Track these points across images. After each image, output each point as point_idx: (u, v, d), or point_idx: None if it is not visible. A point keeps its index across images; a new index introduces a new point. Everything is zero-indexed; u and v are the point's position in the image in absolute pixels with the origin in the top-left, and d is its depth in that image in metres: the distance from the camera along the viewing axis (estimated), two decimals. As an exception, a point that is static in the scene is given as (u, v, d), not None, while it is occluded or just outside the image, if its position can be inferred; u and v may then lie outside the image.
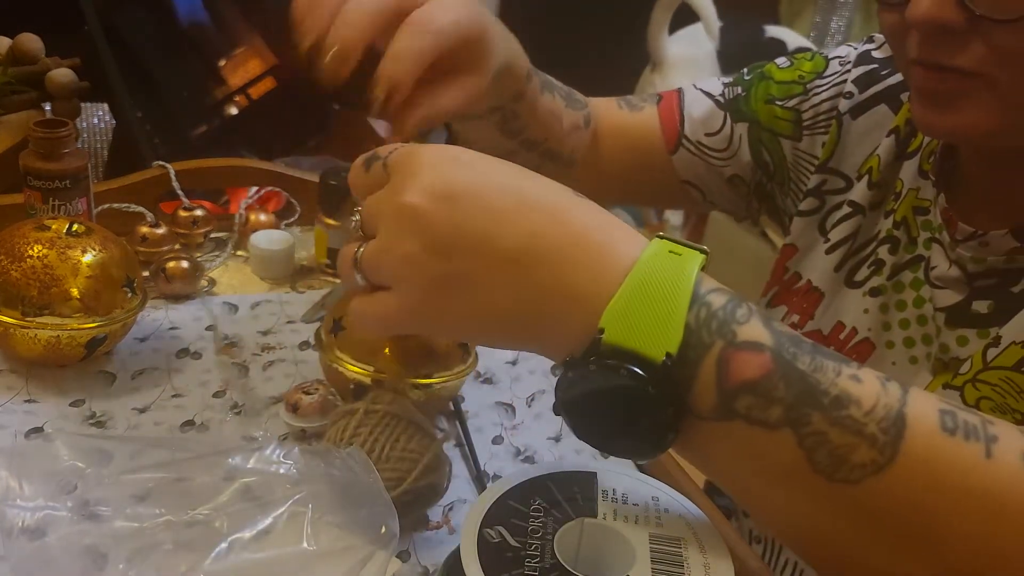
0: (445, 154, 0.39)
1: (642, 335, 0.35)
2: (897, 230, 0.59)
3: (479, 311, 0.38)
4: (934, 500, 0.34)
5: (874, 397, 0.35)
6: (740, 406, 0.35)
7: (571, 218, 0.37)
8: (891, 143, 0.61)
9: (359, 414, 0.53)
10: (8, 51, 0.89)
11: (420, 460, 0.52)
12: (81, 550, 0.44)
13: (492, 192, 0.37)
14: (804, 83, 0.66)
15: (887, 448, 0.34)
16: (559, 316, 0.37)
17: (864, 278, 0.60)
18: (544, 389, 0.71)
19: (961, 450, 0.34)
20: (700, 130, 0.68)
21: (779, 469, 0.36)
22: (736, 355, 0.35)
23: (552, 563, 0.40)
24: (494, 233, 0.37)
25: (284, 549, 0.46)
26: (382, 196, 0.39)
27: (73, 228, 0.64)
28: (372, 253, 0.39)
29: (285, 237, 0.83)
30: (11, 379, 0.64)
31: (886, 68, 0.63)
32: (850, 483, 0.34)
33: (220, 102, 1.44)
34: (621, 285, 0.36)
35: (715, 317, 0.36)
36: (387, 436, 0.52)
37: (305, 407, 0.60)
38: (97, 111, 1.06)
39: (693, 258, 0.37)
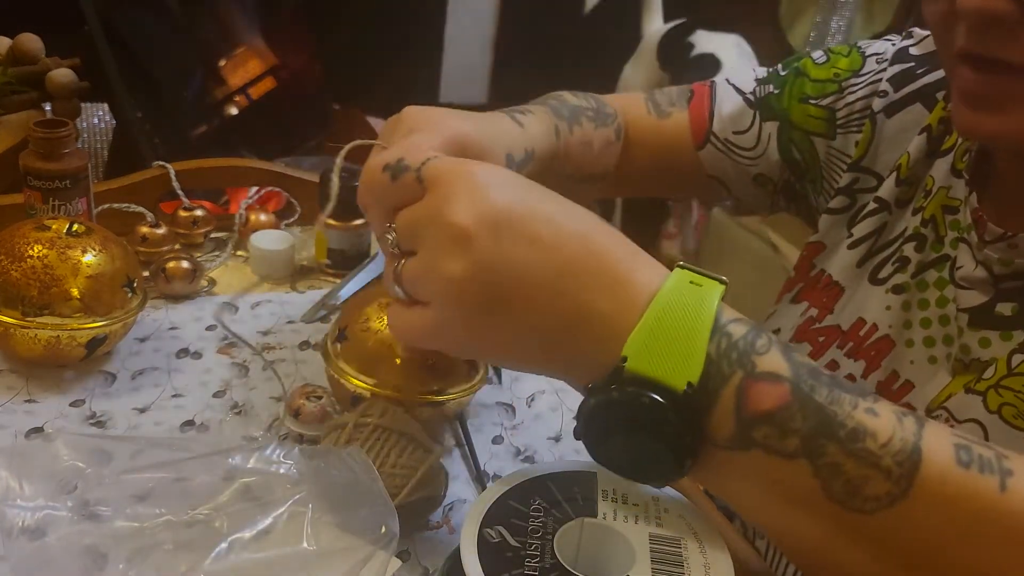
0: (493, 174, 0.39)
1: (664, 364, 0.36)
2: (925, 228, 0.58)
3: (513, 335, 0.39)
4: (948, 533, 0.35)
5: (890, 430, 0.35)
6: (758, 436, 0.36)
7: (601, 248, 0.38)
8: (922, 141, 0.60)
9: (348, 428, 0.52)
10: (8, 51, 0.89)
11: (412, 475, 0.51)
12: (81, 550, 0.44)
13: (533, 220, 0.38)
14: (839, 81, 0.65)
15: (902, 480, 0.35)
16: (586, 343, 0.38)
17: (888, 275, 0.60)
18: (544, 389, 0.71)
19: (976, 483, 0.35)
20: (729, 128, 0.68)
21: (795, 498, 0.36)
22: (755, 386, 0.36)
23: (552, 563, 0.40)
24: (535, 260, 0.37)
25: (284, 549, 0.46)
26: (424, 213, 0.39)
27: (73, 228, 0.64)
28: (413, 270, 0.40)
29: (285, 237, 0.83)
30: (11, 379, 0.64)
31: (922, 66, 0.62)
32: (865, 513, 0.35)
33: (220, 102, 1.44)
34: (643, 315, 0.37)
35: (735, 347, 0.36)
36: (377, 451, 0.51)
37: (306, 414, 0.60)
38: (97, 111, 1.06)
39: (713, 288, 0.38)
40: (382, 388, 0.57)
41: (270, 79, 1.50)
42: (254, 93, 1.47)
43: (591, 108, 0.66)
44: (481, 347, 0.40)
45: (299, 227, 0.90)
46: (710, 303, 0.37)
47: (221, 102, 1.43)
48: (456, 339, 0.40)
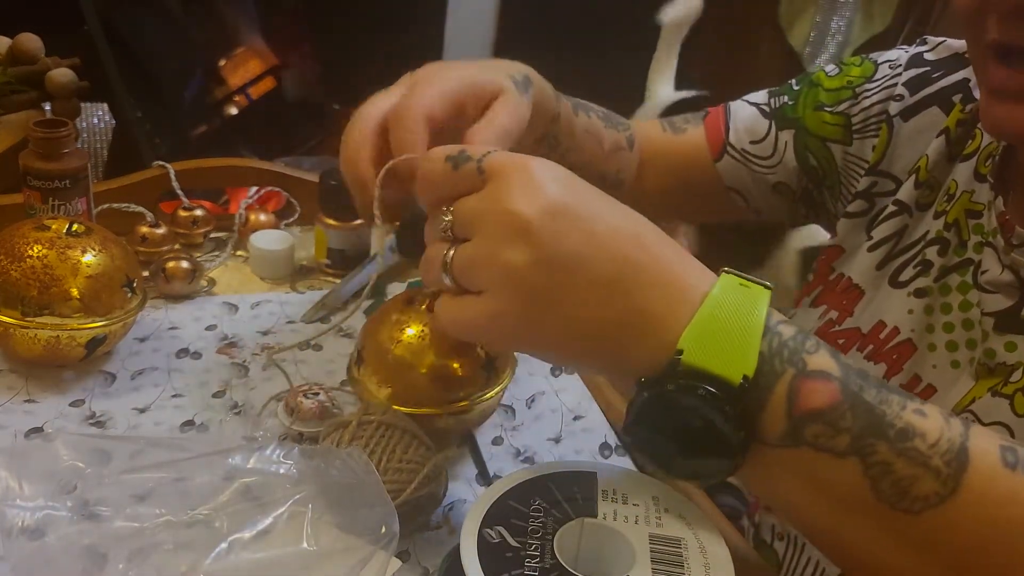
0: (550, 168, 0.40)
1: (720, 358, 0.36)
2: (948, 232, 0.58)
3: (566, 328, 0.39)
4: (994, 533, 0.35)
5: (938, 431, 0.36)
6: (808, 433, 0.36)
7: (652, 246, 0.39)
8: (941, 143, 0.60)
9: (352, 426, 0.52)
10: (8, 51, 0.89)
11: (419, 470, 0.51)
12: (81, 550, 0.44)
13: (591, 214, 0.39)
14: (853, 87, 0.66)
15: (950, 481, 0.35)
16: (638, 338, 0.38)
17: (909, 278, 0.60)
18: (544, 391, 0.71)
19: (1021, 484, 0.35)
20: (745, 138, 0.69)
21: (843, 497, 0.36)
22: (806, 383, 0.36)
23: (552, 563, 0.40)
24: (591, 255, 0.38)
25: (284, 549, 0.46)
26: (485, 201, 0.39)
27: (73, 228, 0.64)
28: (468, 257, 0.39)
29: (285, 237, 0.83)
30: (11, 379, 0.64)
31: (938, 70, 0.62)
32: (912, 514, 0.35)
33: (220, 102, 1.44)
34: (698, 311, 0.37)
35: (786, 346, 0.37)
36: (383, 447, 0.51)
37: (304, 411, 0.60)
38: (97, 111, 1.06)
39: (762, 291, 0.39)
40: (407, 405, 0.56)
41: (270, 79, 1.50)
42: (254, 93, 1.47)
43: (600, 110, 0.67)
44: (533, 339, 0.40)
45: (299, 227, 0.90)
46: (762, 304, 0.38)
47: (221, 102, 1.43)
48: (508, 330, 0.40)
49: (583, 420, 0.68)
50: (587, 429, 0.67)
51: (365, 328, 0.60)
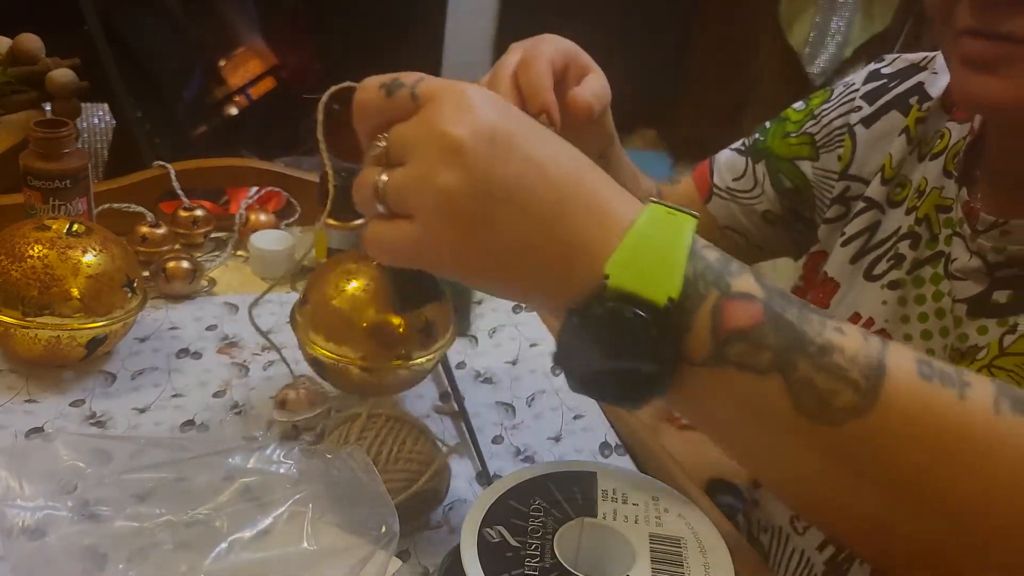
0: (485, 94, 0.40)
1: (645, 280, 0.37)
2: (919, 226, 0.60)
3: (497, 255, 0.39)
4: (912, 441, 0.36)
5: (857, 346, 0.37)
6: (732, 352, 0.37)
7: (585, 176, 0.40)
8: (902, 141, 0.63)
9: (361, 419, 0.53)
10: (8, 51, 0.89)
11: (429, 462, 0.52)
12: (81, 550, 0.44)
13: (526, 141, 0.39)
14: (813, 111, 0.70)
15: (868, 393, 0.36)
16: (568, 266, 0.38)
17: (883, 272, 0.62)
18: (544, 389, 0.71)
19: (936, 394, 0.36)
20: (727, 176, 0.74)
21: (767, 412, 0.37)
22: (730, 304, 0.37)
23: (552, 563, 0.40)
24: (527, 181, 0.38)
25: (284, 549, 0.46)
26: (418, 125, 0.39)
27: (73, 228, 0.64)
28: (401, 181, 0.39)
29: (285, 237, 0.83)
30: (11, 379, 0.64)
31: (894, 80, 0.66)
32: (834, 425, 0.36)
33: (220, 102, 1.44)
34: (624, 237, 0.38)
35: (711, 269, 0.38)
36: (393, 439, 0.52)
37: (292, 402, 0.60)
38: (97, 111, 1.06)
39: (689, 219, 0.39)
40: (344, 356, 0.59)
41: (270, 79, 1.49)
42: (254, 93, 1.47)
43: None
44: (462, 265, 0.40)
45: (299, 227, 0.90)
46: (687, 230, 0.39)
47: (221, 102, 1.43)
48: (440, 255, 0.39)
49: (583, 419, 0.68)
50: (587, 428, 0.67)
51: (315, 273, 0.63)
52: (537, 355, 0.75)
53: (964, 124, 0.60)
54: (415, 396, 0.69)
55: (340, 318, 0.59)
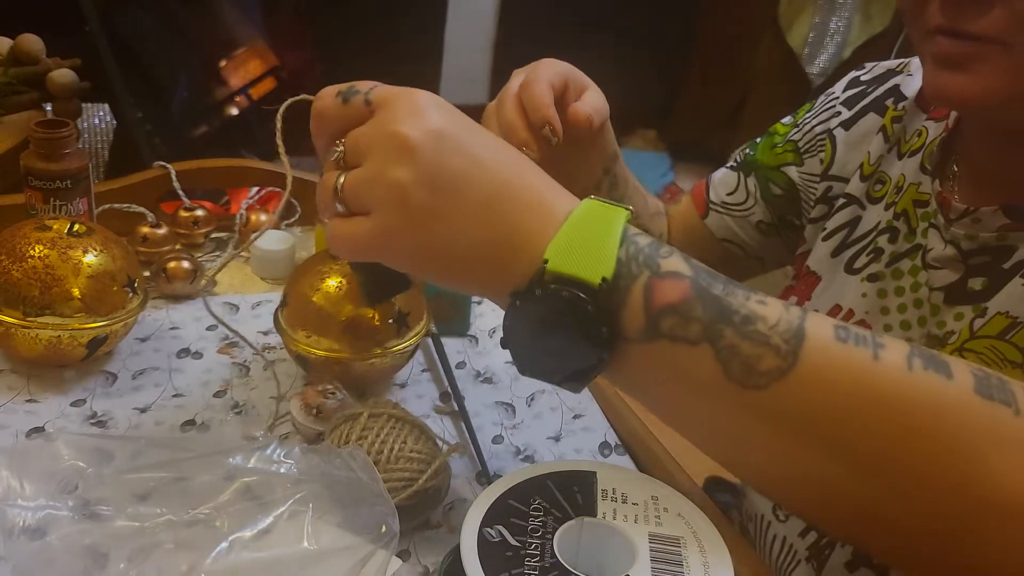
0: (430, 97, 0.43)
1: (580, 263, 0.40)
2: (897, 221, 0.63)
3: (446, 246, 0.41)
4: (833, 399, 0.39)
5: (777, 315, 0.40)
6: (664, 326, 0.40)
7: (527, 174, 0.43)
8: (880, 140, 0.67)
9: (363, 418, 0.53)
10: (9, 52, 0.89)
11: (430, 462, 0.52)
12: (82, 550, 0.44)
13: (472, 140, 0.42)
14: (797, 122, 0.74)
15: (789, 356, 0.39)
16: (512, 257, 0.41)
17: (863, 265, 0.64)
18: (544, 389, 0.71)
19: (853, 354, 0.39)
20: (721, 192, 0.78)
21: (700, 381, 0.40)
22: (660, 283, 0.40)
23: (552, 562, 0.40)
24: (474, 176, 0.41)
25: (285, 548, 0.46)
26: (372, 128, 0.42)
27: (74, 228, 0.64)
28: (357, 180, 0.42)
29: (286, 237, 0.83)
30: (12, 379, 0.64)
31: (872, 85, 0.70)
32: (760, 389, 0.39)
33: (221, 102, 1.44)
34: (562, 226, 0.41)
35: (642, 252, 0.41)
36: (395, 437, 0.52)
37: (328, 411, 0.60)
38: (98, 111, 1.06)
39: (621, 210, 0.42)
40: (326, 351, 0.63)
41: (271, 80, 1.50)
42: (254, 93, 1.47)
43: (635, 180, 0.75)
44: (416, 256, 0.42)
45: (299, 227, 0.90)
46: (620, 219, 0.42)
47: (222, 102, 1.43)
48: (393, 247, 0.42)
49: (583, 419, 0.68)
50: (587, 428, 0.67)
51: (292, 275, 0.67)
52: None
53: (940, 122, 0.63)
54: (415, 396, 0.69)
55: (319, 315, 0.63)
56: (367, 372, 0.65)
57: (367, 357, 0.63)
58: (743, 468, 0.44)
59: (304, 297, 0.63)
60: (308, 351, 0.63)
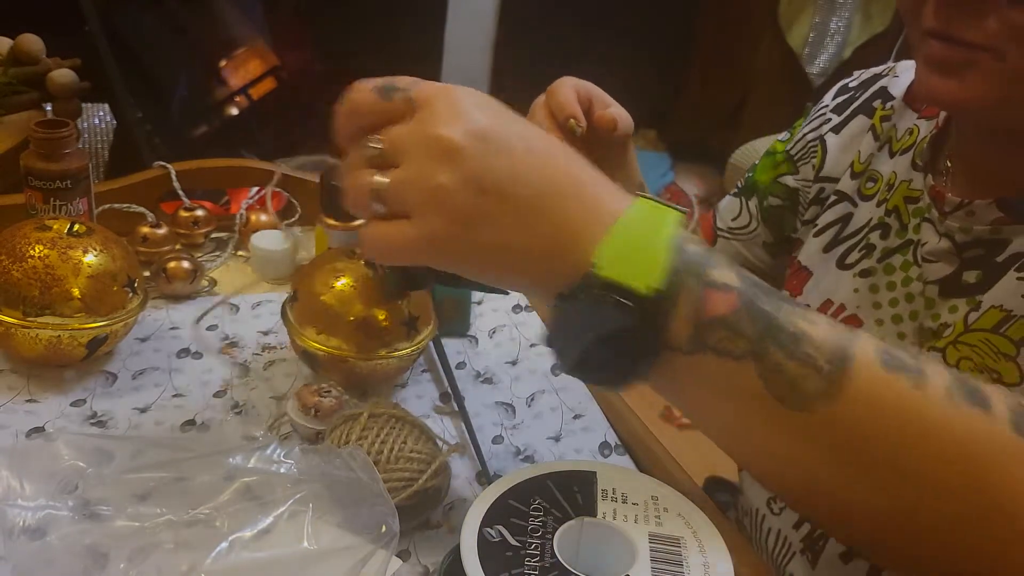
0: (476, 95, 0.42)
1: (631, 271, 0.39)
2: (888, 217, 0.64)
3: (492, 246, 0.40)
4: (875, 426, 0.39)
5: (824, 336, 0.39)
6: (711, 339, 0.39)
7: (574, 170, 0.42)
8: (870, 138, 0.68)
9: (363, 418, 0.53)
10: (9, 51, 0.89)
11: (430, 462, 0.52)
12: (82, 550, 0.45)
13: (517, 138, 0.41)
14: (793, 136, 0.75)
15: (834, 379, 0.39)
16: (559, 256, 0.40)
17: (854, 261, 0.65)
18: (544, 389, 0.71)
19: (898, 383, 0.39)
20: (727, 218, 0.79)
21: (741, 397, 0.40)
22: (710, 294, 0.39)
23: (552, 562, 0.40)
24: (520, 176, 0.40)
25: (285, 548, 0.46)
26: (414, 128, 0.41)
27: (74, 228, 0.64)
28: (399, 181, 0.41)
29: (286, 237, 0.83)
30: (12, 379, 0.64)
31: (859, 90, 0.71)
32: (803, 410, 0.39)
33: (221, 102, 1.44)
34: (612, 228, 0.40)
35: (693, 261, 0.40)
36: (395, 437, 0.52)
37: (326, 409, 0.60)
38: (98, 111, 1.06)
39: (674, 212, 0.42)
40: (334, 348, 0.63)
41: (270, 80, 1.50)
42: (254, 94, 1.47)
43: None
44: (460, 258, 0.42)
45: (299, 227, 0.90)
46: (672, 223, 0.41)
47: (222, 102, 1.44)
48: (441, 251, 0.41)
49: (583, 419, 0.68)
50: (587, 428, 0.67)
51: (303, 271, 0.67)
52: (537, 355, 0.75)
53: (931, 120, 0.63)
54: (415, 396, 0.69)
55: (329, 312, 0.63)
56: (373, 372, 0.65)
57: (375, 358, 0.63)
58: (773, 481, 0.44)
59: (315, 294, 0.63)
60: (317, 348, 0.63)
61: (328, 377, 0.64)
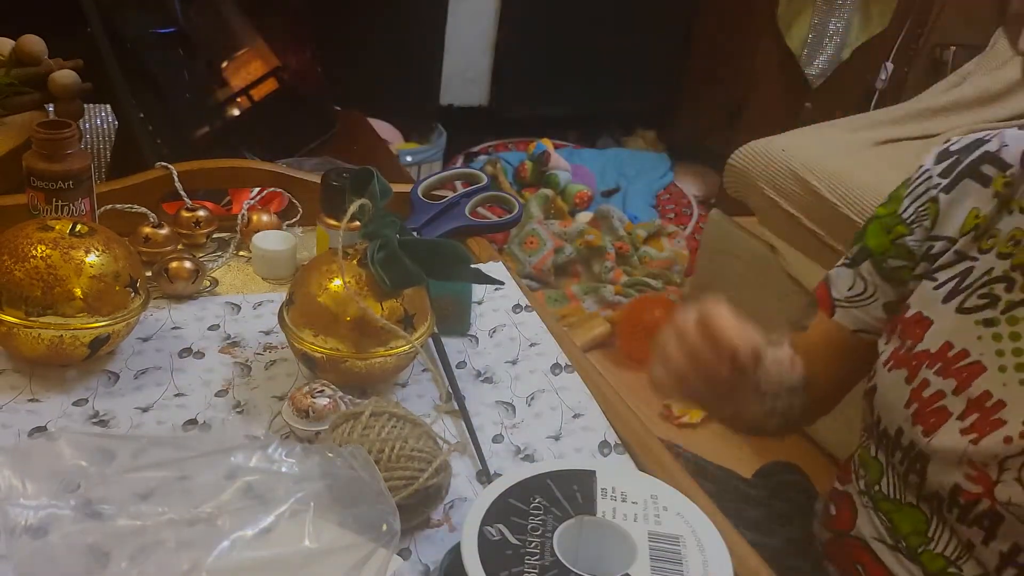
0: None
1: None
2: (1014, 272, 0.67)
3: None
4: None
5: None
6: None
7: None
8: (994, 204, 0.71)
9: (364, 417, 0.53)
10: (11, 53, 0.90)
11: (430, 461, 0.53)
12: (84, 549, 0.45)
13: None
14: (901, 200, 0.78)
15: None
16: None
17: (975, 306, 0.69)
18: (544, 388, 0.71)
19: None
20: (843, 289, 0.81)
21: None
22: None
23: (552, 561, 0.40)
24: None
25: (286, 547, 0.46)
26: None
27: (76, 228, 0.64)
28: None
29: (287, 237, 0.83)
30: (14, 378, 0.64)
31: (963, 154, 0.74)
32: None
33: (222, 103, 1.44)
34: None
35: None
36: (396, 436, 0.53)
37: (321, 411, 0.60)
38: (100, 112, 1.06)
39: None
40: (332, 349, 0.63)
41: (272, 80, 1.50)
42: (256, 94, 1.47)
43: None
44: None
45: (301, 227, 0.90)
46: None
47: (223, 103, 1.44)
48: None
49: (583, 418, 0.68)
50: (587, 427, 0.67)
51: (300, 273, 0.67)
52: (537, 355, 0.76)
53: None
54: (416, 396, 0.69)
55: (325, 314, 0.63)
56: (371, 371, 0.65)
57: (372, 356, 0.64)
58: None
59: (311, 296, 0.64)
60: (314, 349, 0.63)
61: (327, 377, 0.64)
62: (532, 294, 0.85)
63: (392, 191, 0.70)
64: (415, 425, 0.54)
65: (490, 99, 2.64)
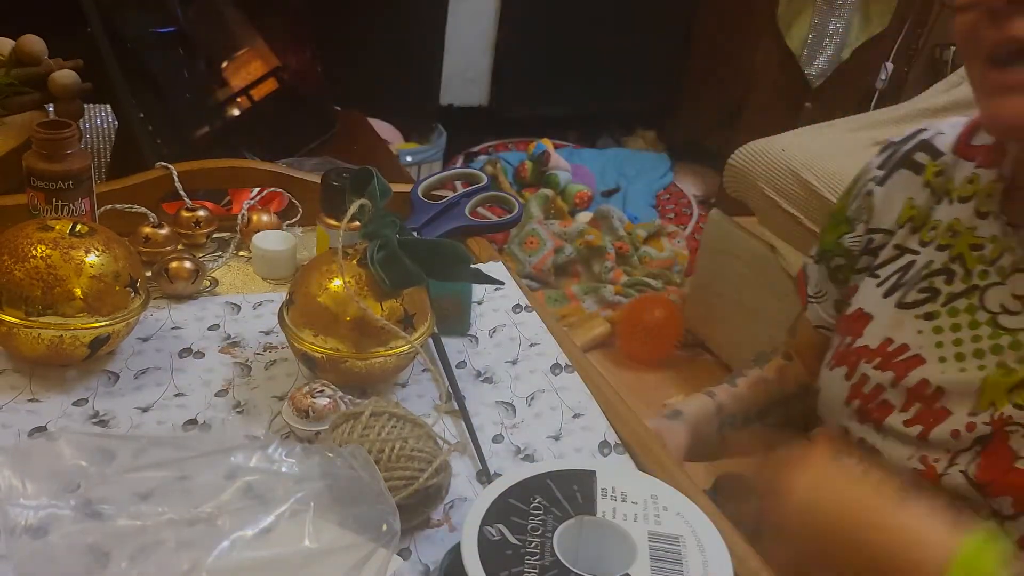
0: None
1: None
2: (953, 264, 0.68)
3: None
4: None
5: None
6: None
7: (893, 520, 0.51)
8: (926, 193, 0.72)
9: (364, 417, 0.53)
10: (11, 52, 0.90)
11: (430, 461, 0.53)
12: (84, 549, 0.45)
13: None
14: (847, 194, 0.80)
15: None
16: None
17: (914, 301, 0.69)
18: (544, 388, 0.71)
19: None
20: (812, 286, 0.84)
21: None
22: None
23: (552, 561, 0.40)
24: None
25: (286, 547, 0.46)
26: None
27: (76, 228, 0.64)
28: None
29: (287, 237, 0.83)
30: (14, 378, 0.64)
31: (901, 145, 0.76)
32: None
33: (222, 103, 1.44)
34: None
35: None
36: (396, 436, 0.53)
37: (320, 411, 0.60)
38: (100, 112, 1.06)
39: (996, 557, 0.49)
40: (332, 349, 0.63)
41: (272, 80, 1.50)
42: (256, 94, 1.47)
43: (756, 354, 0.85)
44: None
45: (300, 227, 0.90)
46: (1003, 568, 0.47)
47: (223, 103, 1.44)
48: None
49: (583, 418, 0.68)
50: (587, 427, 0.67)
51: (300, 273, 0.68)
52: (537, 355, 0.76)
53: (991, 169, 0.67)
54: (416, 396, 0.69)
55: (325, 314, 0.63)
56: (371, 371, 0.65)
57: (372, 356, 0.64)
58: None
59: (311, 296, 0.64)
60: (314, 349, 0.64)
61: (327, 377, 0.64)
62: (532, 294, 0.85)
63: (392, 191, 0.69)
64: (415, 425, 0.54)
65: (490, 99, 2.64)
